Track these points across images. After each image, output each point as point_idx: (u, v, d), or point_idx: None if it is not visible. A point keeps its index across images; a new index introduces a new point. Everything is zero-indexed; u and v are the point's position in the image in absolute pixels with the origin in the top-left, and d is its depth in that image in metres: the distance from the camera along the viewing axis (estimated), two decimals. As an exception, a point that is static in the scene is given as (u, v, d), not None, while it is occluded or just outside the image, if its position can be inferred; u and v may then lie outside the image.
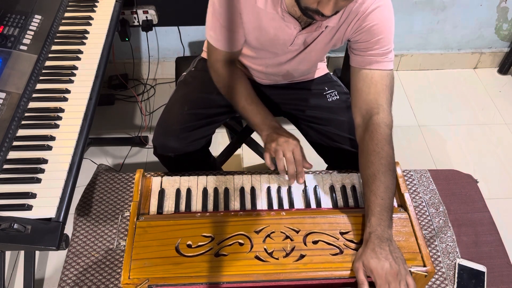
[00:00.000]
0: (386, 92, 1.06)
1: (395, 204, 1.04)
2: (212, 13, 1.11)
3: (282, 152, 1.05)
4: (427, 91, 2.39)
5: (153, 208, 1.02)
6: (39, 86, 1.14)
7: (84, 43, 1.28)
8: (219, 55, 1.18)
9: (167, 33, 2.17)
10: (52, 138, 1.03)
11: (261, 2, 1.04)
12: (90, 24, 1.35)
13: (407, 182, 1.29)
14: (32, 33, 1.22)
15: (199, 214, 0.99)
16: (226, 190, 1.06)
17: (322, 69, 1.39)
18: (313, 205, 1.05)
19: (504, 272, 1.12)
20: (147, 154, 2.02)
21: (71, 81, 1.16)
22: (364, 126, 1.06)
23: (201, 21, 1.16)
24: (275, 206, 1.04)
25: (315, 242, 0.94)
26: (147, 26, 1.78)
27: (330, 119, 1.29)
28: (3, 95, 1.05)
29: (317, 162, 1.44)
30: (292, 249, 0.92)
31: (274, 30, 1.09)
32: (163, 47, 2.25)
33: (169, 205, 1.03)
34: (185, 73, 1.41)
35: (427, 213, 1.23)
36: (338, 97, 1.33)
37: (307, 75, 1.35)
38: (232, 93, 1.19)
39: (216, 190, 1.06)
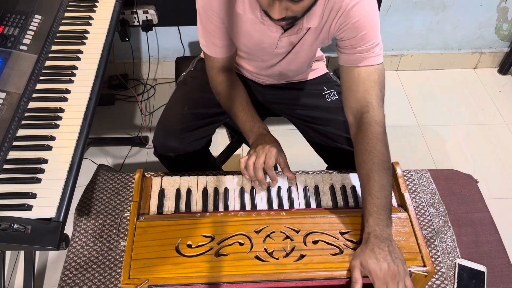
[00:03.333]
0: (375, 88, 1.04)
1: (395, 204, 1.04)
2: (199, 20, 1.11)
3: (255, 157, 1.03)
4: (427, 91, 2.39)
5: (153, 208, 1.02)
6: (39, 86, 1.14)
7: (84, 43, 1.28)
8: (212, 62, 1.18)
9: (167, 33, 2.17)
10: (52, 138, 1.03)
11: (240, 8, 1.04)
12: (90, 24, 1.35)
13: (407, 182, 1.29)
14: (32, 33, 1.22)
15: (199, 214, 0.99)
16: (226, 190, 1.06)
17: (321, 69, 1.38)
18: (313, 205, 1.05)
19: (504, 272, 1.12)
20: (147, 154, 2.02)
21: (71, 81, 1.16)
22: (356, 126, 1.05)
23: (201, 21, 1.16)
24: (275, 206, 1.04)
25: (315, 242, 0.94)
26: (147, 26, 1.77)
27: (329, 119, 1.29)
28: (3, 95, 1.05)
29: (317, 162, 1.44)
30: (292, 249, 0.92)
31: (258, 34, 1.09)
32: (163, 47, 2.25)
33: (169, 205, 1.03)
34: (184, 73, 1.41)
35: (427, 213, 1.23)
36: (337, 97, 1.32)
37: (303, 74, 1.34)
38: (225, 101, 1.19)
39: (216, 190, 1.06)
